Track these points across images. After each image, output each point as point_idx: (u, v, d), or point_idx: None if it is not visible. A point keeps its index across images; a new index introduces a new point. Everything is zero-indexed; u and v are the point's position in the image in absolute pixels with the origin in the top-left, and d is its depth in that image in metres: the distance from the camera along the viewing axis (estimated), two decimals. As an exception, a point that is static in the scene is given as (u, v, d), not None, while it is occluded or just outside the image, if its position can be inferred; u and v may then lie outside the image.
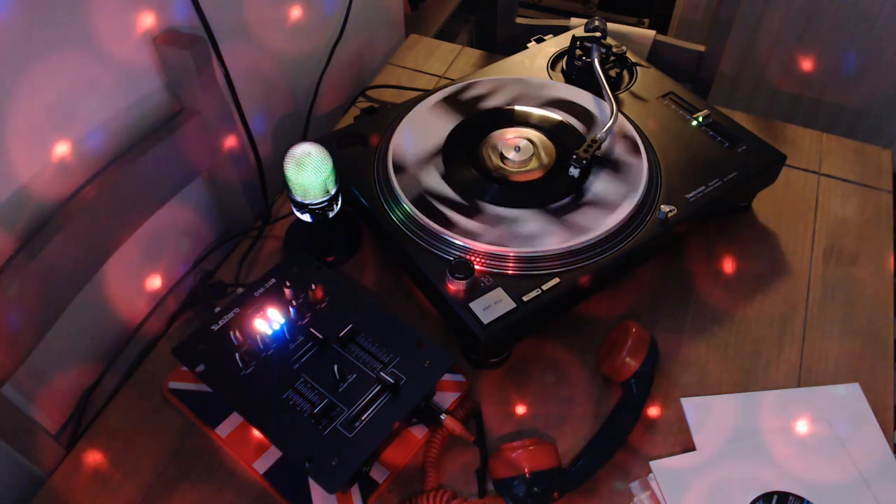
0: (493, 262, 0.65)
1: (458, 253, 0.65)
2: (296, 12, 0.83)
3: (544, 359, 0.68)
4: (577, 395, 0.66)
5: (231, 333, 0.62)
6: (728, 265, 0.76)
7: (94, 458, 0.62)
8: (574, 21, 1.13)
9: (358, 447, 0.55)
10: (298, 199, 0.68)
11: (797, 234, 0.79)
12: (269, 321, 0.63)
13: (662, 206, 0.68)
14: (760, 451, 0.60)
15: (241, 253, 0.77)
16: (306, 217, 0.69)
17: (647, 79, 0.85)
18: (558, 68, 0.87)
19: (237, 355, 0.60)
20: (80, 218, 0.59)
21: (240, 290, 0.69)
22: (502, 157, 0.74)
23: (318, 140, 0.70)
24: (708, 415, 0.63)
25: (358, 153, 0.76)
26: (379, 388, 0.59)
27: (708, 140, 0.76)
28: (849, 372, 0.67)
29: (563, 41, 0.91)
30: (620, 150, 0.74)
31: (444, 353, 0.61)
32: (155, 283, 0.76)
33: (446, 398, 0.64)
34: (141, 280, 0.74)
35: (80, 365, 0.68)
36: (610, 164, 0.73)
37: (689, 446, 0.61)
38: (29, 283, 0.55)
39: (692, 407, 0.63)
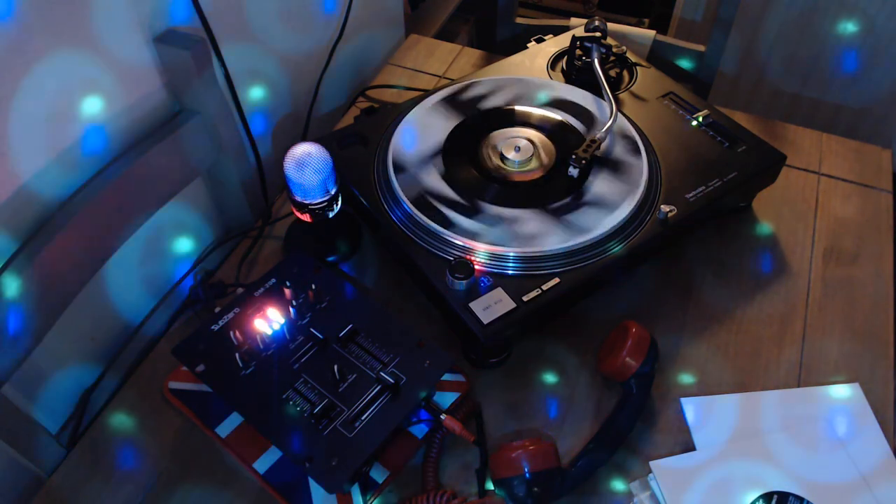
0: (493, 262, 0.65)
1: (458, 253, 0.65)
2: (296, 12, 0.83)
3: (544, 359, 0.68)
4: (577, 395, 0.66)
5: (231, 333, 0.62)
6: (728, 265, 0.76)
7: (94, 458, 0.62)
8: (574, 21, 1.13)
9: (358, 447, 0.55)
10: (298, 199, 0.68)
11: (797, 234, 0.79)
12: (269, 321, 0.63)
13: (662, 206, 0.68)
14: (760, 451, 0.60)
15: (241, 253, 0.77)
16: (306, 217, 0.69)
17: (647, 79, 0.85)
18: (558, 68, 0.87)
19: (237, 355, 0.60)
20: (80, 218, 0.59)
21: (240, 290, 0.69)
22: (502, 157, 0.74)
23: (318, 140, 0.70)
24: (708, 415, 0.63)
25: (358, 153, 0.76)
26: (379, 388, 0.59)
27: (708, 140, 0.76)
28: (849, 372, 0.67)
29: (563, 41, 0.91)
30: (620, 150, 0.74)
31: (444, 353, 0.61)
32: (155, 283, 0.76)
33: (446, 398, 0.64)
34: (141, 280, 0.74)
35: (80, 365, 0.68)
36: (610, 164, 0.73)
37: (689, 446, 0.61)
38: (29, 283, 0.55)
39: (692, 407, 0.63)
